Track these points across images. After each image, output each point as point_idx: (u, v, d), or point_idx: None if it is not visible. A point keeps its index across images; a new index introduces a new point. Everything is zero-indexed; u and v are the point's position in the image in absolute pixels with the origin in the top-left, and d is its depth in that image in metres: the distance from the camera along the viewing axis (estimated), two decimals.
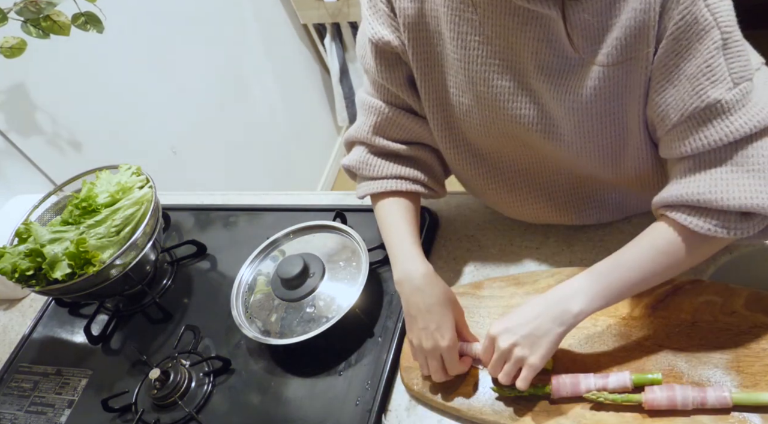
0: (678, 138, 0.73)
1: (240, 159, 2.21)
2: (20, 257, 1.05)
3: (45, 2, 1.21)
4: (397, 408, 0.91)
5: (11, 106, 1.41)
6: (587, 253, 0.99)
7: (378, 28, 0.85)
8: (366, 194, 0.97)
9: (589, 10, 0.71)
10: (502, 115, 0.84)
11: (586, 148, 0.83)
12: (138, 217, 1.09)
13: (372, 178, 0.96)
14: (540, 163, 0.91)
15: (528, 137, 0.86)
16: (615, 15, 0.70)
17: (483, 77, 0.82)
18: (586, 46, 0.73)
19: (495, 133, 0.88)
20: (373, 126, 0.94)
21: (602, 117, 0.79)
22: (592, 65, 0.74)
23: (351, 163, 0.98)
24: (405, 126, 0.93)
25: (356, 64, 2.53)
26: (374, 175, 0.95)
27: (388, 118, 0.92)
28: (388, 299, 1.02)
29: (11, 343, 1.22)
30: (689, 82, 0.70)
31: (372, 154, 0.95)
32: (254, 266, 1.09)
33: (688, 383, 0.78)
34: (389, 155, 0.95)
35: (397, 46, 0.85)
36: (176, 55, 1.91)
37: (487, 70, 0.81)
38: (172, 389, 0.99)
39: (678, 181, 0.75)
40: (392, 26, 0.84)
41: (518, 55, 0.78)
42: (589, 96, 0.77)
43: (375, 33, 0.85)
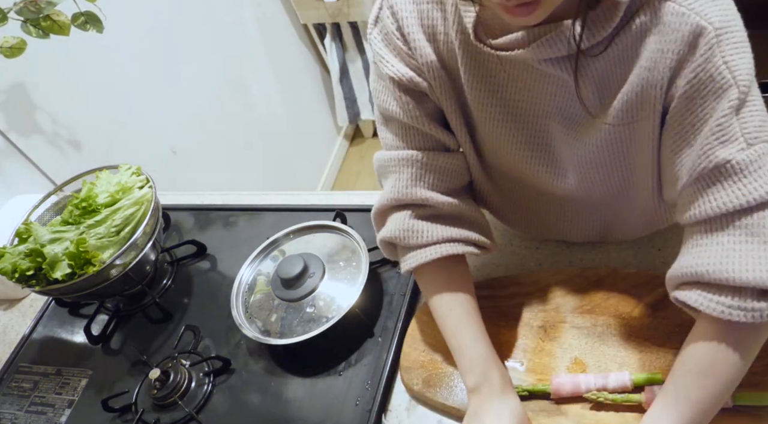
0: (688, 201, 0.69)
1: (240, 159, 2.21)
2: (20, 257, 1.05)
3: (45, 2, 1.21)
4: (397, 408, 0.91)
5: (11, 106, 1.41)
6: (587, 253, 0.99)
7: (398, 65, 0.79)
8: (417, 265, 0.84)
9: (599, 70, 0.69)
10: (512, 156, 0.82)
11: (595, 191, 0.82)
12: (138, 217, 1.09)
13: (420, 246, 0.84)
14: (548, 197, 0.90)
15: (535, 179, 0.84)
16: (626, 72, 0.68)
17: (495, 120, 0.79)
18: (596, 104, 0.72)
19: (506, 169, 0.87)
20: (410, 179, 0.83)
21: (606, 166, 0.78)
22: (601, 123, 0.72)
23: (393, 234, 0.85)
24: (442, 167, 0.84)
25: (356, 64, 2.54)
26: (422, 241, 0.83)
27: (424, 164, 0.83)
28: (388, 299, 1.02)
29: (11, 343, 1.22)
30: (704, 143, 0.65)
31: (416, 219, 0.84)
32: (254, 266, 1.09)
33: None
34: (435, 217, 0.85)
35: (420, 82, 0.79)
36: (176, 55, 1.91)
37: (501, 112, 0.78)
38: (172, 389, 0.99)
39: (688, 252, 0.69)
40: (412, 64, 0.79)
41: (532, 99, 0.76)
42: (595, 146, 0.75)
43: (397, 70, 0.79)
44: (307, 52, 2.61)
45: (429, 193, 0.83)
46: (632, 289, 0.89)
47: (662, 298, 0.86)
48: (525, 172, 0.84)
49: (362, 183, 2.71)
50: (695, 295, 0.67)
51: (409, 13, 0.76)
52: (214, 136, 2.08)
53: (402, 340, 0.95)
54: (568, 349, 0.86)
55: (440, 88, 0.80)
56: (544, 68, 0.70)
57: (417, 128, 0.82)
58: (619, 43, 0.66)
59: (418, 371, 0.90)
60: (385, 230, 0.86)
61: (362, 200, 1.21)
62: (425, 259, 0.83)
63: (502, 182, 0.91)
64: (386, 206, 0.86)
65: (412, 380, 0.90)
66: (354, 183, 2.73)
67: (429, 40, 0.77)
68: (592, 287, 0.91)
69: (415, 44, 0.77)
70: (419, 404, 0.90)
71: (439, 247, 0.83)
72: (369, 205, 1.17)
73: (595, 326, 0.87)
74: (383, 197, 0.86)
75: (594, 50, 0.67)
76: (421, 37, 0.77)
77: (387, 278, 1.05)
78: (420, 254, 0.84)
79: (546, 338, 0.89)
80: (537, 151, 0.81)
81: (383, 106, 0.83)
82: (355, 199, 1.22)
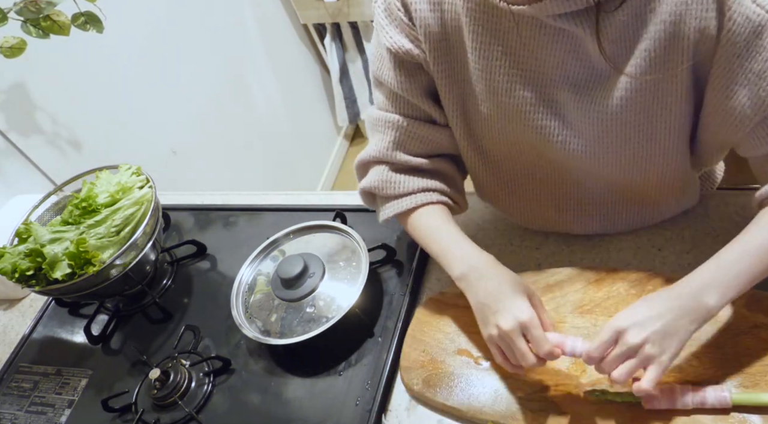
0: (765, 134, 0.72)
1: (240, 159, 2.21)
2: (20, 257, 1.05)
3: (45, 2, 1.21)
4: (397, 408, 0.91)
5: (11, 106, 1.41)
6: (587, 253, 0.99)
7: (396, 37, 0.82)
8: (393, 214, 0.91)
9: (618, 23, 0.70)
10: (522, 125, 0.83)
11: (607, 159, 0.82)
12: (138, 217, 1.09)
13: (397, 196, 0.91)
14: (554, 174, 0.90)
15: (546, 148, 0.84)
16: (642, 26, 0.69)
17: (504, 88, 0.80)
18: (616, 57, 0.72)
19: (513, 141, 0.87)
20: (392, 142, 0.89)
21: (627, 127, 0.78)
22: (620, 76, 0.73)
23: (371, 184, 0.92)
24: (425, 138, 0.89)
25: (356, 64, 2.53)
26: (399, 192, 0.90)
27: (407, 131, 0.88)
28: (388, 299, 1.02)
29: (11, 343, 1.22)
30: (762, 79, 0.68)
31: (393, 171, 0.90)
32: (254, 266, 1.09)
33: (688, 382, 0.78)
34: (412, 170, 0.91)
35: (417, 54, 0.82)
36: (176, 55, 1.91)
37: (509, 81, 0.79)
38: (172, 389, 0.99)
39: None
40: (411, 35, 0.81)
41: (542, 66, 0.76)
42: (615, 106, 0.76)
43: (394, 42, 0.82)
44: (307, 52, 2.61)
45: (407, 157, 0.89)
46: (632, 289, 0.89)
47: None
48: (537, 141, 0.84)
49: None
50: None
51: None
52: (214, 136, 2.08)
53: (402, 340, 0.95)
54: None
55: (437, 60, 0.81)
56: (560, 24, 0.71)
57: (406, 98, 0.86)
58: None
59: (418, 371, 0.90)
60: (366, 181, 0.93)
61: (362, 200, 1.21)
62: (401, 208, 0.90)
63: (501, 167, 0.92)
64: (368, 159, 0.93)
65: (412, 380, 0.90)
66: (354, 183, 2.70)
67: (433, 9, 0.79)
68: (592, 287, 0.91)
69: (417, 14, 0.79)
70: (419, 404, 0.90)
71: (414, 197, 0.90)
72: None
73: (595, 326, 0.87)
74: (366, 152, 0.92)
75: (611, 5, 0.68)
76: (425, 7, 0.79)
77: (387, 278, 1.05)
78: (397, 203, 0.90)
79: None
80: (549, 119, 0.81)
81: (378, 71, 0.87)
82: (355, 199, 1.21)
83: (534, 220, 1.00)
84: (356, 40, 2.47)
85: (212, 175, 2.06)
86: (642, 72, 0.72)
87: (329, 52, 2.52)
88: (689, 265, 0.92)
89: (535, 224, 1.02)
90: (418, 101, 0.86)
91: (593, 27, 0.69)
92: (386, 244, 1.06)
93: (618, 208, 0.93)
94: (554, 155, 0.85)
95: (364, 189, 0.94)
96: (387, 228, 1.11)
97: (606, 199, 0.92)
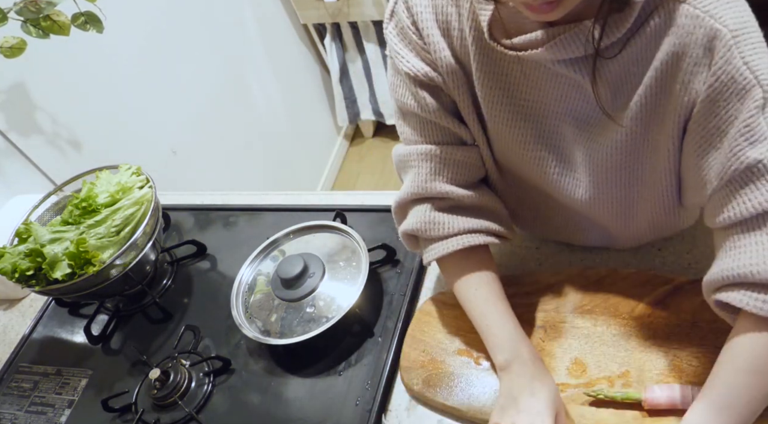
0: (721, 204, 0.68)
1: (240, 159, 2.21)
2: (20, 257, 1.05)
3: (45, 2, 1.21)
4: (397, 408, 0.91)
5: (11, 106, 1.41)
6: (587, 253, 0.99)
7: (413, 61, 0.80)
8: (439, 256, 0.86)
9: (614, 72, 0.69)
10: (521, 157, 0.82)
11: (599, 199, 0.82)
12: (138, 217, 1.09)
13: (442, 238, 0.85)
14: (556, 206, 0.90)
15: (542, 181, 0.84)
16: (638, 75, 0.68)
17: (505, 120, 0.79)
18: (614, 101, 0.71)
19: (515, 171, 0.87)
20: (429, 173, 0.84)
21: (618, 170, 0.77)
22: (615, 125, 0.72)
23: (413, 227, 0.86)
24: (460, 161, 0.84)
25: (356, 64, 2.53)
26: (444, 233, 0.85)
27: (441, 159, 0.84)
28: (388, 299, 1.02)
29: (11, 343, 1.22)
30: (732, 145, 0.64)
31: (437, 211, 0.85)
32: (254, 266, 1.09)
33: (688, 382, 0.78)
34: (455, 208, 0.86)
35: (435, 77, 0.80)
36: (176, 55, 1.91)
37: (511, 112, 0.78)
38: (172, 389, 0.99)
39: (726, 255, 0.68)
40: (427, 58, 0.79)
41: (544, 99, 0.76)
42: (608, 147, 0.75)
43: (412, 67, 0.79)
44: (307, 52, 2.61)
45: (448, 186, 0.84)
46: (632, 289, 0.89)
47: (662, 298, 0.86)
48: (534, 173, 0.84)
49: (362, 183, 2.71)
50: (739, 296, 0.66)
51: (424, 8, 0.77)
52: (214, 136, 2.08)
53: (402, 340, 0.95)
54: (568, 349, 0.86)
55: (454, 82, 0.80)
56: (559, 69, 0.70)
57: (434, 122, 0.83)
58: (634, 44, 0.66)
59: (418, 371, 0.90)
60: (407, 223, 0.87)
61: (362, 200, 1.21)
62: (447, 250, 0.85)
63: (512, 180, 0.91)
64: (407, 200, 0.87)
65: (412, 380, 0.90)
66: (354, 183, 2.73)
67: (443, 35, 0.78)
68: (592, 287, 0.91)
69: (429, 39, 0.78)
70: (419, 404, 0.90)
71: (460, 238, 0.84)
72: (369, 206, 1.18)
73: (595, 326, 0.87)
74: (404, 191, 0.87)
75: (610, 52, 0.67)
76: (436, 32, 0.78)
77: (387, 278, 1.05)
78: (442, 245, 0.85)
79: (546, 338, 0.88)
80: (547, 152, 0.80)
81: (401, 100, 0.83)
82: (355, 199, 1.22)
83: (543, 232, 1.00)
84: (356, 40, 2.47)
85: (212, 175, 2.06)
86: (635, 121, 0.71)
87: (329, 52, 2.52)
88: (689, 265, 0.92)
89: (542, 234, 1.01)
90: (446, 123, 0.83)
91: (591, 74, 0.68)
92: (386, 244, 1.06)
93: (621, 232, 0.92)
94: (553, 188, 0.85)
95: (406, 232, 0.89)
96: (387, 228, 1.11)
97: (607, 225, 0.90)
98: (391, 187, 2.68)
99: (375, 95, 2.59)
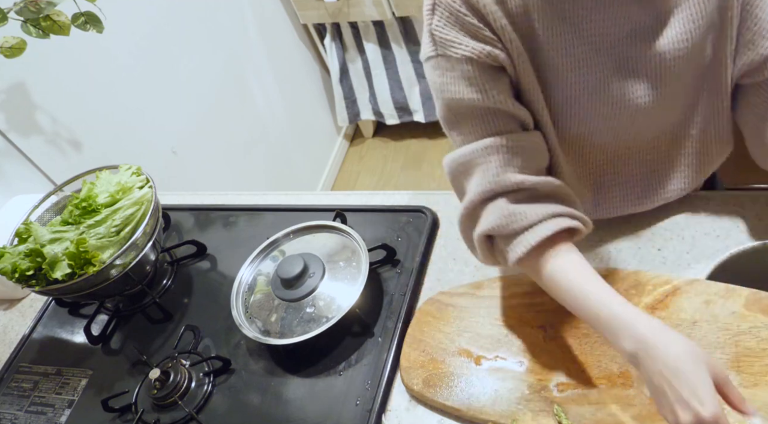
0: None
1: (240, 159, 2.21)
2: (20, 257, 1.05)
3: (45, 2, 1.21)
4: (397, 408, 0.91)
5: (11, 106, 1.41)
6: (587, 252, 0.99)
7: (472, 43, 0.76)
8: (527, 250, 0.78)
9: None
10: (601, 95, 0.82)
11: (669, 103, 0.84)
12: (138, 217, 1.09)
13: (526, 228, 0.78)
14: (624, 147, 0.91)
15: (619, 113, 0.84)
16: None
17: (581, 61, 0.80)
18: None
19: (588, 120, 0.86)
20: (498, 165, 0.79)
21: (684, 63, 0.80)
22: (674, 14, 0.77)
23: (493, 224, 0.79)
24: (527, 147, 0.81)
25: (356, 64, 2.53)
26: (528, 222, 0.78)
27: (510, 148, 0.79)
28: (388, 299, 1.02)
29: (11, 343, 1.22)
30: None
31: (515, 203, 0.79)
32: (254, 266, 1.09)
33: None
34: (531, 198, 0.80)
35: (498, 54, 0.77)
36: (176, 55, 1.91)
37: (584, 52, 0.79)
38: (172, 389, 0.99)
39: None
40: (487, 38, 0.77)
41: (610, 26, 0.78)
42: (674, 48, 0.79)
43: (473, 49, 0.76)
44: (307, 52, 2.61)
45: (521, 176, 0.79)
46: (632, 289, 0.89)
47: (662, 298, 0.86)
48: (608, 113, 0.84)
49: (362, 183, 2.71)
50: None
51: None
52: (214, 136, 2.08)
53: (402, 340, 0.95)
54: (568, 349, 0.86)
55: (515, 51, 0.78)
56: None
57: (497, 110, 0.79)
58: None
59: (418, 371, 0.90)
60: (483, 224, 0.80)
61: (362, 200, 1.21)
62: (537, 238, 0.77)
63: (574, 156, 0.91)
64: (477, 201, 0.81)
65: (412, 380, 0.90)
66: (354, 183, 2.73)
67: (496, 2, 0.77)
68: None
69: (485, 10, 0.76)
70: (419, 404, 0.90)
71: (547, 223, 0.78)
72: (369, 206, 1.18)
73: None
74: (472, 193, 0.81)
75: None
76: (489, 1, 0.76)
77: (387, 278, 1.05)
78: (528, 235, 0.78)
79: (546, 338, 0.89)
80: (623, 80, 0.81)
81: (456, 97, 0.79)
82: (355, 199, 1.22)
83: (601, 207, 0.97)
84: (356, 40, 2.47)
85: (212, 175, 2.06)
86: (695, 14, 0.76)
87: (329, 52, 2.52)
88: (689, 265, 0.92)
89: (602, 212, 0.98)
90: (508, 107, 0.79)
91: None
92: (386, 244, 1.06)
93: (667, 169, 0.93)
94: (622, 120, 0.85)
95: (483, 234, 0.81)
96: (387, 228, 1.11)
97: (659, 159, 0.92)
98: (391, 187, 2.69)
99: (375, 95, 2.59)
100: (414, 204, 1.15)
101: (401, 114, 2.61)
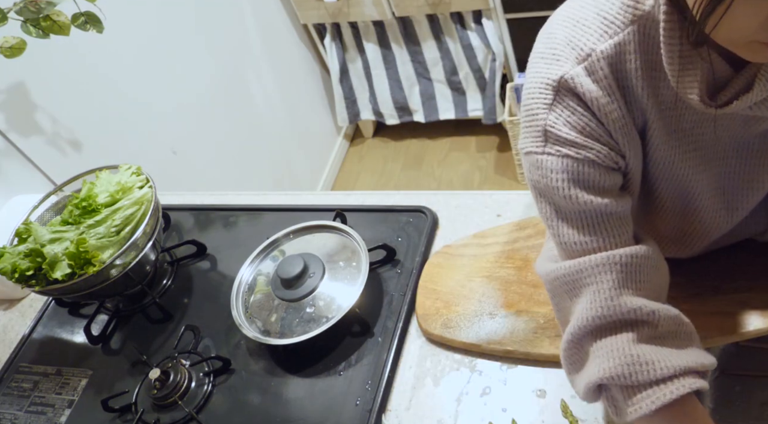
0: None
1: (240, 159, 2.21)
2: (20, 257, 1.05)
3: (45, 2, 1.21)
4: (397, 408, 0.91)
5: (11, 106, 1.41)
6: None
7: (597, 146, 0.67)
8: (658, 408, 0.65)
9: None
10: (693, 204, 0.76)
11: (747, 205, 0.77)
12: (138, 217, 1.09)
13: (653, 382, 0.65)
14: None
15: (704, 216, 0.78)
16: None
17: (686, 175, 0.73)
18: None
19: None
20: (613, 287, 0.67)
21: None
22: None
23: (615, 372, 0.65)
24: (642, 265, 0.69)
25: (356, 64, 2.54)
26: (659, 375, 0.65)
27: (624, 265, 0.68)
28: (388, 299, 1.02)
29: (11, 343, 1.22)
30: None
31: (640, 344, 0.66)
32: (254, 266, 1.09)
33: None
34: (657, 340, 0.68)
35: (619, 159, 0.68)
36: (176, 55, 1.91)
37: (692, 167, 0.72)
38: (172, 389, 0.99)
39: None
40: (603, 138, 0.67)
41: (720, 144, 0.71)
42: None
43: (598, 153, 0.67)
44: (307, 52, 2.61)
45: (639, 300, 0.67)
46: None
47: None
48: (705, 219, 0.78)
49: (362, 183, 2.71)
50: None
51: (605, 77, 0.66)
52: (214, 136, 2.08)
53: (402, 340, 0.96)
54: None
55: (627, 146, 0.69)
56: (755, 112, 0.64)
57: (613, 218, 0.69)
58: None
59: (434, 317, 0.94)
60: (602, 368, 0.66)
61: (362, 200, 1.21)
62: (668, 398, 0.64)
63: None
64: (587, 329, 0.68)
65: (430, 325, 0.93)
66: (354, 183, 2.73)
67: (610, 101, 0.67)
68: None
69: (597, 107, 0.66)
70: (419, 405, 0.90)
71: (679, 381, 0.65)
72: (369, 206, 1.18)
73: None
74: (581, 318, 0.68)
75: None
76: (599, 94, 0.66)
77: (387, 278, 1.05)
78: (658, 392, 0.65)
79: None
80: (721, 195, 0.75)
81: (566, 200, 0.68)
82: (355, 199, 1.22)
83: None
84: (356, 40, 2.48)
85: (212, 175, 2.06)
86: None
87: (329, 52, 2.53)
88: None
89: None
90: (624, 215, 0.70)
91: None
92: (386, 244, 1.06)
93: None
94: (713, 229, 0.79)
95: (602, 380, 0.67)
96: (387, 228, 1.11)
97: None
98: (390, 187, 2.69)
99: (375, 95, 2.59)
100: (414, 204, 1.15)
101: (401, 114, 2.61)
